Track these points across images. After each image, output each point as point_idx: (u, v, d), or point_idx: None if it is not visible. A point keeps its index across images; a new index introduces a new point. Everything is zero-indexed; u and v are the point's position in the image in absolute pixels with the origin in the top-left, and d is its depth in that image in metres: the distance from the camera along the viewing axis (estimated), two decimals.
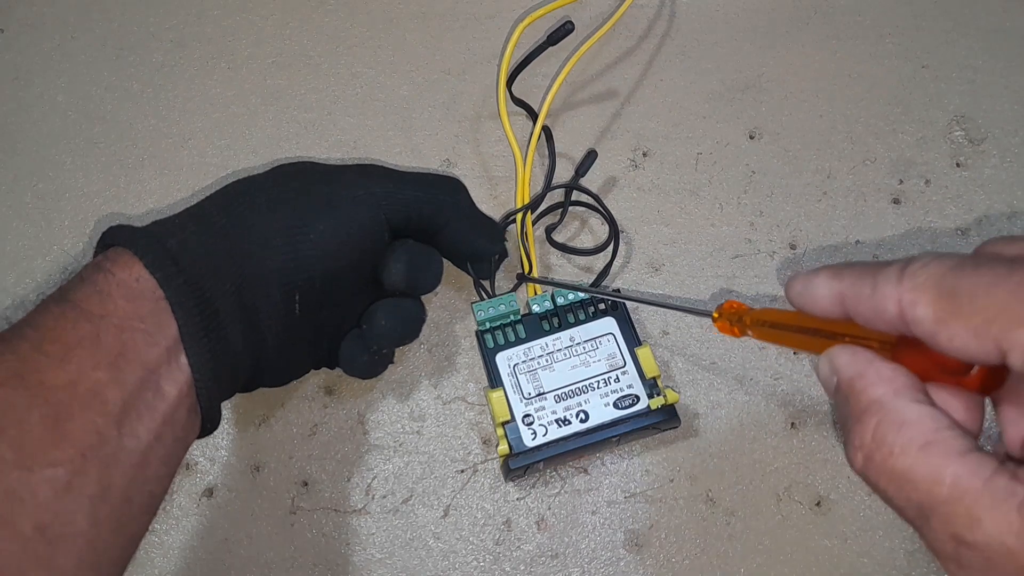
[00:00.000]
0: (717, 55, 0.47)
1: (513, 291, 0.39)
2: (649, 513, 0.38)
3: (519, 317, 0.38)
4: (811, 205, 0.43)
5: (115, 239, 0.29)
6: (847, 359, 0.24)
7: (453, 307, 0.41)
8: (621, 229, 0.42)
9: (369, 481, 0.38)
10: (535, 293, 0.39)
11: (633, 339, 0.37)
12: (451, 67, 0.47)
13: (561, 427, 0.36)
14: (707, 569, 0.37)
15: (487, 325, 0.38)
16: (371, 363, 0.35)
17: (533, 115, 0.41)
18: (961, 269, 0.21)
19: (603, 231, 0.43)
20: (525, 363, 0.37)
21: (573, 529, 0.37)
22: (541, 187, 0.41)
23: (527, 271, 0.39)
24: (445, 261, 0.36)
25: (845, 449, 0.23)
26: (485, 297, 0.38)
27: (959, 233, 0.43)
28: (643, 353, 0.37)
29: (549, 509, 0.38)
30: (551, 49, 0.40)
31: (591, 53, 0.46)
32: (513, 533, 0.37)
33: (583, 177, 0.41)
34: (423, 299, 0.36)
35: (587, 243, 0.42)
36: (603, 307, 0.38)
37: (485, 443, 0.39)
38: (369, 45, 0.47)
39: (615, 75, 0.47)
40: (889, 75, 0.46)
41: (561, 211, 0.42)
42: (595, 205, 0.41)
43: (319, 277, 0.31)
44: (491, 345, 0.37)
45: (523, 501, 0.38)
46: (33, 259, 0.42)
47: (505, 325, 0.38)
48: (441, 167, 0.44)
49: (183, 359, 0.28)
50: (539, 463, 0.35)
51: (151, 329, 0.27)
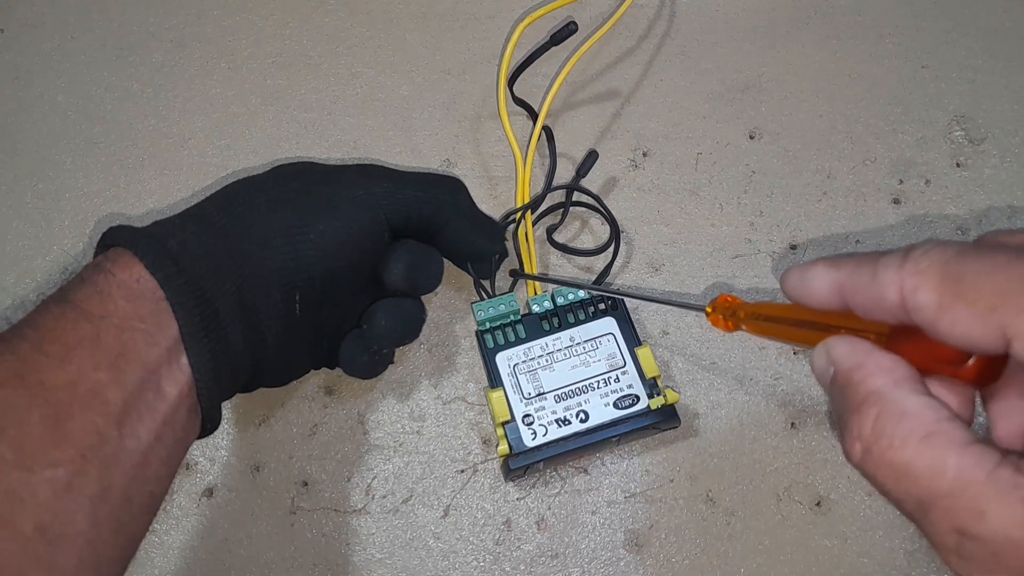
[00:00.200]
0: (717, 55, 0.47)
1: (511, 290, 0.40)
2: (649, 513, 0.38)
3: (519, 317, 0.38)
4: (811, 205, 0.43)
5: (115, 240, 0.29)
6: (845, 349, 0.24)
7: (453, 307, 0.41)
8: (621, 229, 0.42)
9: (369, 481, 0.38)
10: (535, 293, 0.39)
11: (633, 339, 0.37)
12: (451, 67, 0.47)
13: (561, 427, 0.36)
14: (707, 569, 0.37)
15: (487, 325, 0.38)
16: (371, 363, 0.35)
17: (533, 115, 0.41)
18: (966, 255, 0.20)
19: (603, 231, 0.43)
20: (525, 363, 0.37)
21: (573, 529, 0.37)
22: (541, 187, 0.41)
23: (522, 270, 0.39)
24: (445, 261, 0.36)
25: (841, 442, 0.23)
26: (485, 297, 0.38)
27: (959, 233, 0.43)
28: (643, 353, 0.37)
29: (549, 509, 0.38)
30: (550, 49, 0.40)
31: (591, 53, 0.46)
32: (513, 533, 0.37)
33: (584, 177, 0.41)
34: (423, 299, 0.36)
35: (588, 244, 0.42)
36: (603, 307, 0.38)
37: (485, 443, 0.39)
38: (369, 45, 0.47)
39: (615, 75, 0.47)
40: (889, 75, 0.46)
41: (562, 212, 0.42)
42: (596, 206, 0.41)
43: (319, 277, 0.31)
44: (491, 345, 0.37)
45: (523, 501, 0.38)
46: (33, 259, 0.42)
47: (505, 325, 0.38)
48: (441, 167, 0.44)
49: (184, 359, 0.28)
50: (539, 463, 0.35)
51: (151, 329, 0.27)
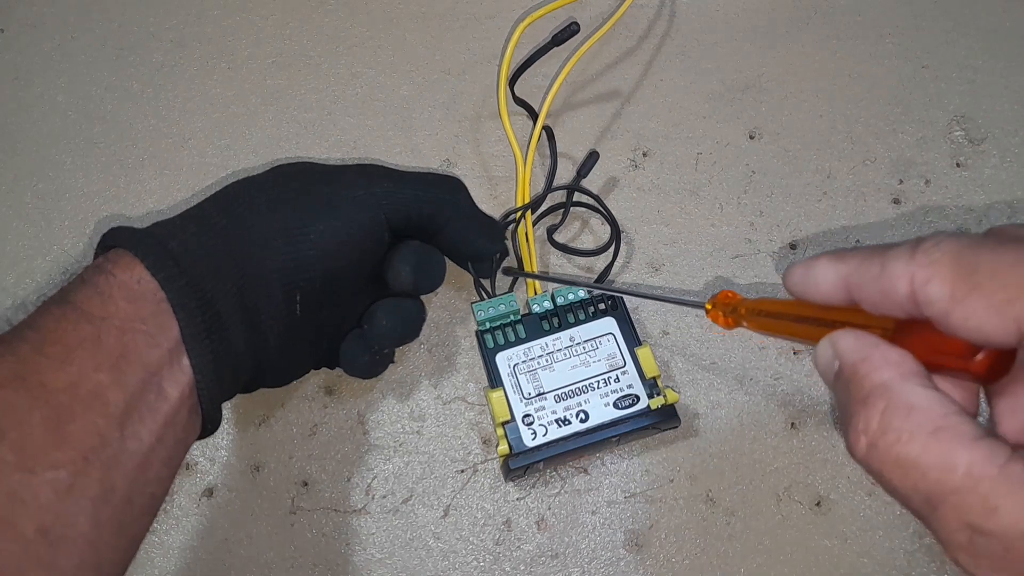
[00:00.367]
0: (717, 55, 0.47)
1: (511, 290, 0.39)
2: (649, 513, 0.38)
3: (519, 317, 0.38)
4: (811, 205, 0.43)
5: (116, 241, 0.29)
6: (851, 342, 0.23)
7: (453, 307, 0.41)
8: (621, 229, 0.42)
9: (369, 481, 0.38)
10: (535, 293, 0.39)
11: (633, 339, 0.37)
12: (451, 67, 0.47)
13: (561, 427, 0.36)
14: (707, 569, 0.37)
15: (487, 325, 0.38)
16: (372, 363, 0.35)
17: (533, 115, 0.41)
18: (980, 246, 0.20)
19: (604, 231, 0.43)
20: (525, 363, 0.37)
21: (573, 529, 0.37)
22: (542, 187, 0.41)
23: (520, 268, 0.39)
24: (446, 260, 0.36)
25: (845, 437, 0.22)
26: (485, 297, 0.38)
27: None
28: (643, 353, 0.37)
29: (549, 509, 0.38)
30: (551, 50, 0.40)
31: (591, 53, 0.46)
32: (513, 533, 0.37)
33: (585, 178, 0.41)
34: (423, 298, 0.36)
35: (588, 244, 0.42)
36: (603, 307, 0.38)
37: (485, 443, 0.39)
38: (369, 45, 0.47)
39: (615, 75, 0.47)
40: (889, 75, 0.46)
41: (563, 212, 0.42)
42: (596, 206, 0.41)
43: (319, 277, 0.31)
44: (491, 345, 0.37)
45: (523, 501, 0.38)
46: (33, 259, 0.42)
47: (505, 325, 0.38)
48: (441, 167, 0.44)
49: (185, 360, 0.28)
50: (539, 463, 0.35)
51: (152, 331, 0.27)
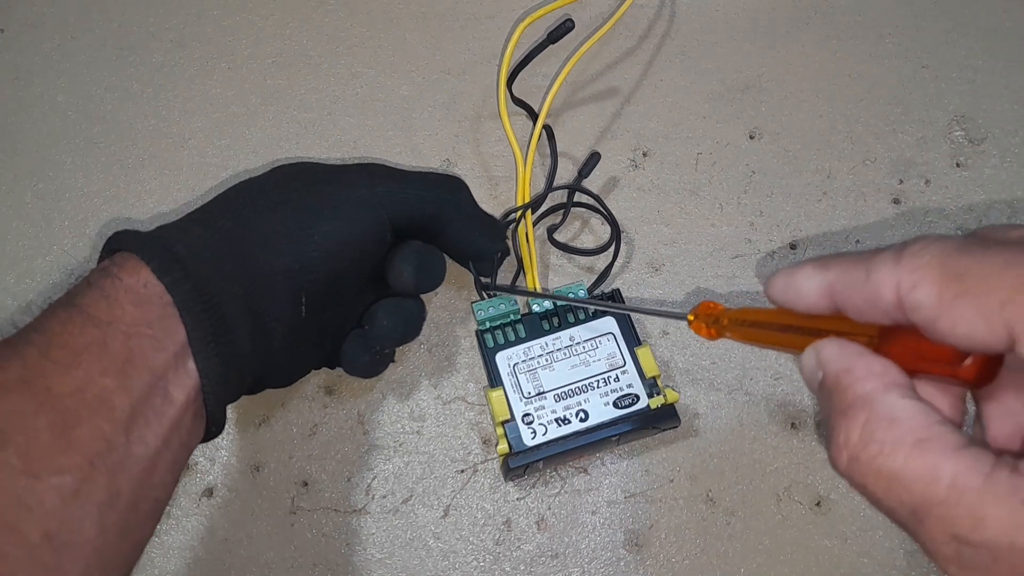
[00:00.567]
0: (717, 55, 0.47)
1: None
2: (649, 513, 0.38)
3: (519, 316, 0.38)
4: (811, 205, 0.43)
5: (121, 244, 0.29)
6: (834, 352, 0.23)
7: (453, 307, 0.41)
8: (621, 229, 0.42)
9: (369, 481, 0.38)
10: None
11: (633, 339, 0.37)
12: (451, 67, 0.47)
13: (561, 426, 0.36)
14: (707, 569, 0.37)
15: (487, 324, 0.38)
16: (372, 363, 0.35)
17: (533, 115, 0.41)
18: (967, 250, 0.19)
19: (604, 231, 0.42)
20: (525, 362, 0.37)
21: (573, 529, 0.37)
22: (542, 187, 0.41)
23: (521, 271, 0.39)
24: (448, 262, 0.36)
25: (828, 449, 0.22)
26: (485, 296, 0.38)
27: (959, 233, 0.43)
28: (643, 353, 0.37)
29: (549, 509, 0.38)
30: (550, 49, 0.40)
31: (591, 53, 0.46)
32: (513, 533, 0.37)
33: (586, 178, 0.41)
34: (423, 297, 0.36)
35: (588, 243, 0.42)
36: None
37: (485, 443, 0.39)
38: (369, 45, 0.47)
39: (615, 75, 0.47)
40: (889, 75, 0.46)
41: (563, 212, 0.42)
42: (597, 206, 0.41)
43: (324, 279, 0.31)
44: (491, 344, 0.37)
45: (523, 501, 0.38)
46: (33, 259, 0.42)
47: (505, 324, 0.38)
48: (441, 167, 0.44)
49: (191, 364, 0.27)
50: (539, 462, 0.35)
51: (159, 335, 0.27)
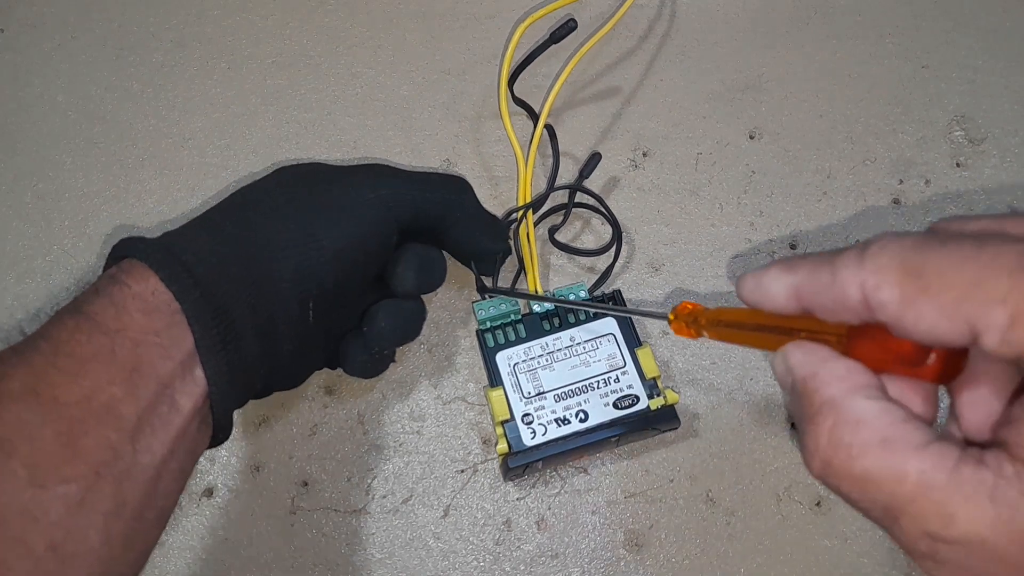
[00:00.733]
0: (717, 55, 0.47)
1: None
2: (649, 513, 0.38)
3: (520, 316, 0.38)
4: (811, 205, 0.43)
5: (127, 251, 0.29)
6: (800, 357, 0.23)
7: (453, 307, 0.41)
8: (622, 230, 0.42)
9: (369, 481, 0.38)
10: (537, 292, 0.39)
11: (633, 339, 0.37)
12: (451, 67, 0.47)
13: (560, 427, 0.36)
14: (707, 569, 0.37)
15: (488, 324, 0.38)
16: (373, 363, 0.35)
17: (533, 115, 0.41)
18: (925, 247, 0.19)
19: (604, 231, 0.42)
20: (525, 362, 0.37)
21: (573, 529, 0.37)
22: (542, 187, 0.41)
23: (523, 271, 0.39)
24: (448, 260, 0.36)
25: (801, 453, 0.22)
26: (486, 296, 0.38)
27: None
28: (643, 354, 0.37)
29: (549, 509, 0.38)
30: (549, 50, 0.39)
31: (591, 53, 0.46)
32: (513, 533, 0.37)
33: (587, 179, 0.41)
34: (424, 297, 0.36)
35: (589, 243, 0.42)
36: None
37: (485, 443, 0.39)
38: (369, 45, 0.47)
39: (615, 75, 0.47)
40: (889, 75, 0.46)
41: (565, 212, 0.42)
42: (598, 207, 0.41)
43: (331, 283, 0.31)
44: (491, 344, 0.37)
45: (523, 501, 0.38)
46: (33, 259, 0.42)
47: (506, 324, 0.38)
48: (441, 167, 0.44)
49: (198, 372, 0.27)
50: (538, 462, 0.35)
51: (166, 343, 0.27)
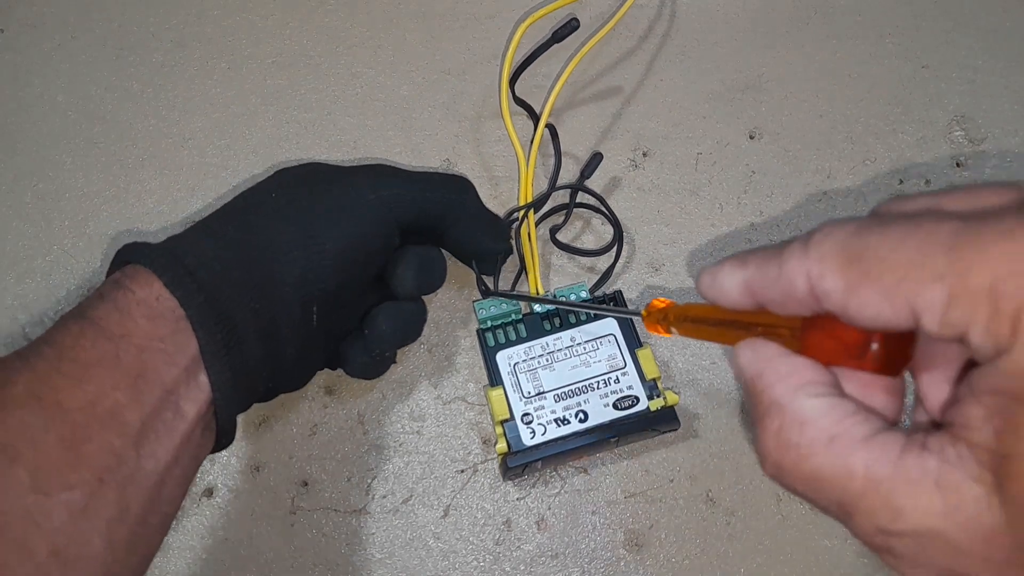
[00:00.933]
0: (717, 55, 0.47)
1: (513, 290, 0.39)
2: (649, 513, 0.38)
3: (520, 316, 0.38)
4: (811, 205, 0.43)
5: (131, 256, 0.29)
6: (748, 357, 0.22)
7: (453, 307, 0.41)
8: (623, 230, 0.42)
9: (369, 481, 0.38)
10: (537, 293, 0.39)
11: (634, 340, 0.37)
12: (451, 67, 0.47)
13: (560, 427, 0.36)
14: (707, 569, 0.37)
15: (488, 323, 0.38)
16: (374, 365, 0.35)
17: (534, 115, 0.41)
18: (866, 231, 0.19)
19: (605, 231, 0.42)
20: (525, 362, 0.37)
21: (573, 529, 0.37)
22: (543, 187, 0.41)
23: (524, 271, 0.39)
24: (448, 260, 0.36)
25: (757, 455, 0.22)
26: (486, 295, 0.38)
27: None
28: (644, 355, 0.37)
29: (549, 509, 0.38)
30: (549, 50, 0.39)
31: (591, 53, 0.46)
32: (513, 533, 0.37)
33: (588, 179, 0.41)
34: (424, 298, 0.36)
35: (590, 244, 0.42)
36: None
37: (485, 443, 0.39)
38: (369, 45, 0.47)
39: (615, 75, 0.47)
40: (889, 75, 0.46)
41: (566, 212, 0.42)
42: (599, 207, 0.41)
43: (334, 286, 0.31)
44: (492, 343, 0.37)
45: (523, 501, 0.38)
46: (33, 259, 0.42)
47: (506, 324, 0.38)
48: (441, 167, 0.44)
49: (202, 377, 0.27)
50: (537, 462, 0.35)
51: (170, 348, 0.27)
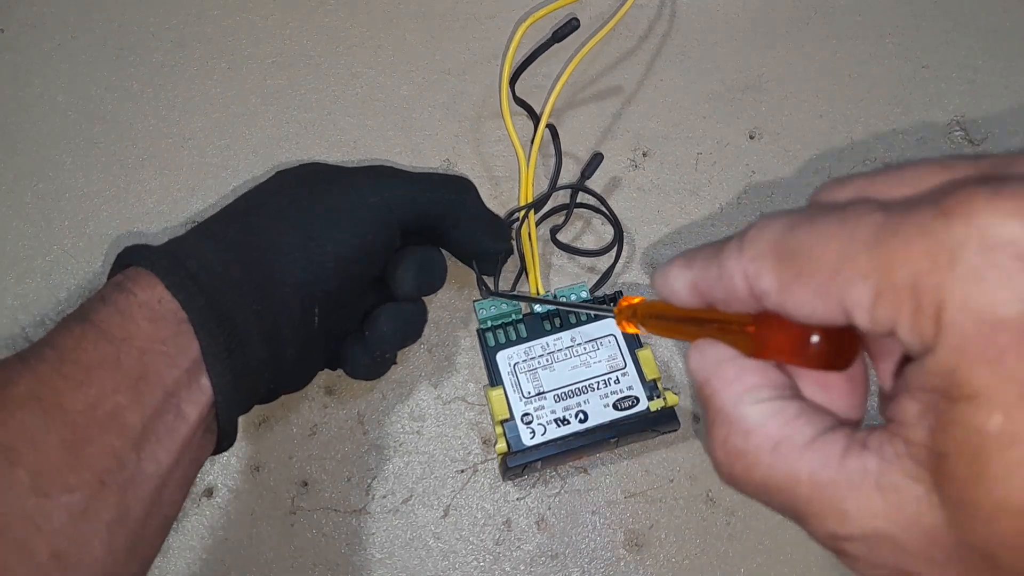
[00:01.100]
0: (717, 55, 0.47)
1: (514, 290, 0.39)
2: (649, 513, 0.38)
3: (521, 316, 0.38)
4: None
5: (133, 259, 0.29)
6: (697, 360, 0.22)
7: (453, 307, 0.41)
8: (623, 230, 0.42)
9: (369, 481, 0.38)
10: (538, 293, 0.39)
11: (635, 341, 0.37)
12: (451, 67, 0.47)
13: (560, 427, 0.36)
14: (707, 569, 0.37)
15: (488, 323, 0.38)
16: (374, 366, 0.35)
17: (534, 115, 0.41)
18: (795, 227, 0.18)
19: (605, 231, 0.42)
20: (525, 362, 0.37)
21: (573, 529, 0.37)
22: (543, 187, 0.41)
23: (524, 271, 0.39)
24: (448, 260, 0.36)
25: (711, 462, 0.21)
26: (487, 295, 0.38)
27: None
28: (644, 355, 0.37)
29: (549, 509, 0.38)
30: (549, 50, 0.39)
31: (591, 53, 0.46)
32: (513, 533, 0.37)
33: (588, 179, 0.41)
34: (424, 298, 0.36)
35: (590, 244, 0.42)
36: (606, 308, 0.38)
37: (485, 443, 0.39)
38: (369, 45, 0.47)
39: (615, 75, 0.47)
40: (889, 75, 0.46)
41: (566, 212, 0.42)
42: (599, 207, 0.41)
43: (336, 287, 0.31)
44: (492, 343, 0.37)
45: (523, 501, 0.38)
46: (33, 259, 0.42)
47: (507, 324, 0.38)
48: (441, 167, 0.44)
49: (203, 380, 0.27)
50: (537, 462, 0.35)
51: (172, 351, 0.27)
